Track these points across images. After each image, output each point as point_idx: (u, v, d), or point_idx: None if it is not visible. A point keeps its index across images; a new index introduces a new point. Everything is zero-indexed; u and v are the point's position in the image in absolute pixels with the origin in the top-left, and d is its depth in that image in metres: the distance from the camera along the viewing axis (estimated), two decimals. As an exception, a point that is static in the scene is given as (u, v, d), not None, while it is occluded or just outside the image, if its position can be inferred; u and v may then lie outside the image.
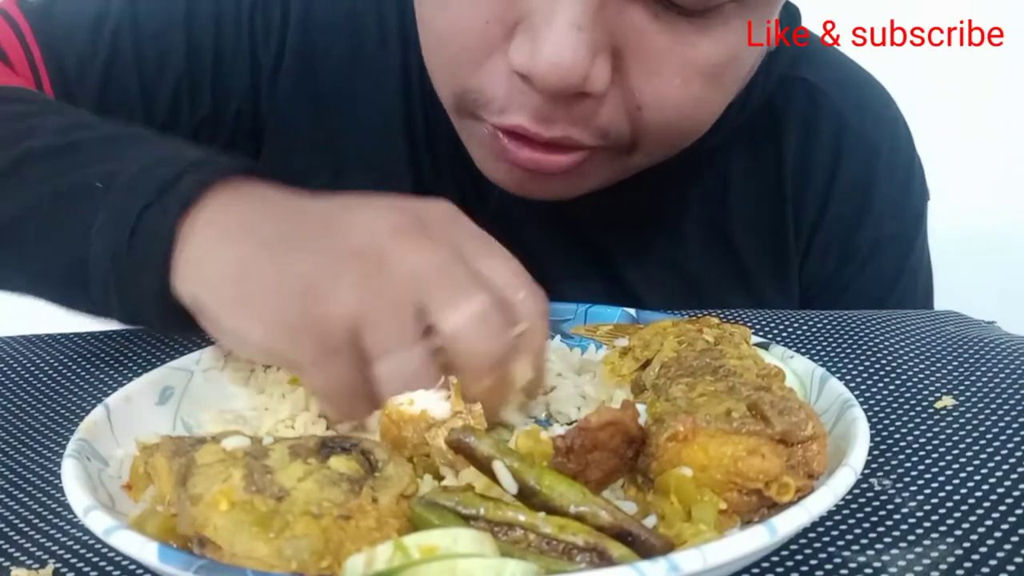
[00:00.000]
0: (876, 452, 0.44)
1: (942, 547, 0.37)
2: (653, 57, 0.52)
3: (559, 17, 0.48)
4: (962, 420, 0.47)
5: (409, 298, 0.40)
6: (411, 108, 0.71)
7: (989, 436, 0.46)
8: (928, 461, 0.43)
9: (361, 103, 0.71)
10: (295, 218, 0.45)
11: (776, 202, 0.72)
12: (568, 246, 0.72)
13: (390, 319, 0.40)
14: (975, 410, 0.48)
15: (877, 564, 0.36)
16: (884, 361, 0.55)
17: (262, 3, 0.70)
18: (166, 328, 0.55)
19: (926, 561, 0.36)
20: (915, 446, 0.45)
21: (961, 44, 1.60)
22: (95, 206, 0.48)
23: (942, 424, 0.47)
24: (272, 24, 0.70)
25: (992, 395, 0.50)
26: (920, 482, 0.42)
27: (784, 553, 0.37)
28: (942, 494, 0.41)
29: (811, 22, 0.74)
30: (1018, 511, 0.39)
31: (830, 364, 0.55)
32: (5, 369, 0.57)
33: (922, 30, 1.59)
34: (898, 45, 1.54)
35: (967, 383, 0.52)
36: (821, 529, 0.38)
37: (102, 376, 0.56)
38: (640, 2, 0.50)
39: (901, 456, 0.44)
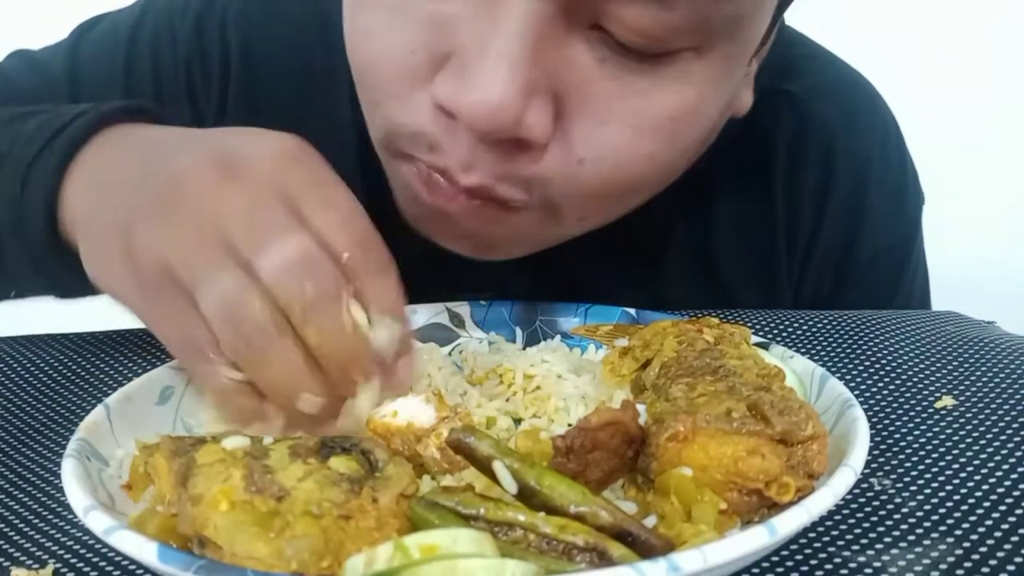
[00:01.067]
0: (876, 452, 0.44)
1: (942, 547, 0.37)
2: (599, 105, 0.47)
3: (491, 51, 0.43)
4: (962, 420, 0.47)
5: (216, 237, 0.38)
6: (366, 142, 0.63)
7: (989, 436, 0.46)
8: (928, 461, 0.43)
9: (313, 144, 0.69)
10: (147, 156, 0.45)
11: (766, 227, 0.70)
12: (547, 281, 0.67)
13: (195, 251, 0.38)
14: (975, 410, 0.48)
15: (877, 564, 0.36)
16: (884, 361, 0.55)
17: (198, 46, 0.68)
18: (75, 285, 0.52)
19: (926, 561, 0.36)
20: (915, 446, 0.45)
21: (960, 44, 1.60)
22: (1, 168, 0.51)
23: (942, 424, 0.47)
24: (211, 66, 0.68)
25: (992, 395, 0.50)
26: (920, 482, 0.42)
27: (784, 553, 0.37)
28: (942, 494, 0.41)
29: (810, 23, 0.73)
30: (1018, 511, 0.39)
31: (830, 364, 0.55)
32: (5, 369, 0.57)
33: (922, 30, 1.59)
34: (898, 45, 1.54)
35: (967, 383, 0.52)
36: (821, 529, 0.38)
37: (102, 376, 0.56)
38: (583, 43, 0.45)
39: (901, 456, 0.44)
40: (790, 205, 0.69)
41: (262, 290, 0.37)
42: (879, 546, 0.37)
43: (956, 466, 0.43)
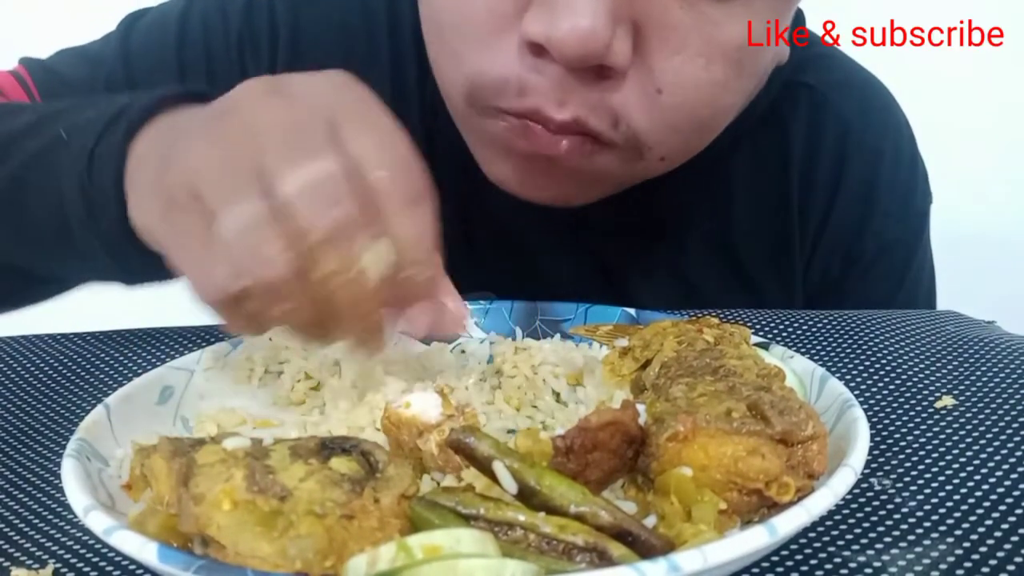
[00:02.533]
0: (876, 452, 0.44)
1: (942, 547, 0.37)
2: (676, 35, 0.50)
3: None
4: (962, 420, 0.47)
5: (249, 154, 0.37)
6: (404, 119, 0.69)
7: (989, 436, 0.46)
8: (928, 461, 0.43)
9: None
10: (206, 110, 0.44)
11: (781, 209, 0.72)
12: (570, 257, 0.71)
13: (224, 174, 0.37)
14: (975, 410, 0.48)
15: (877, 564, 0.36)
16: (884, 361, 0.55)
17: (248, 23, 0.70)
18: (146, 269, 0.50)
19: (926, 561, 0.36)
20: (915, 446, 0.45)
21: (961, 44, 1.60)
22: (63, 154, 0.50)
23: (942, 424, 0.47)
24: (260, 43, 0.70)
25: (992, 395, 0.50)
26: (920, 482, 0.42)
27: (784, 553, 0.37)
28: (942, 494, 0.41)
29: (812, 22, 0.74)
30: (1018, 511, 0.39)
31: (830, 364, 0.55)
32: (5, 369, 0.57)
33: (922, 30, 1.59)
34: (898, 45, 1.54)
35: (967, 383, 0.52)
36: (821, 529, 0.38)
37: (102, 376, 0.56)
38: None
39: (901, 456, 0.44)
40: (804, 191, 0.72)
41: (280, 220, 0.36)
42: (879, 546, 0.37)
43: (956, 466, 0.43)
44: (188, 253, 0.39)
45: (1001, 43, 1.60)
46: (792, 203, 0.72)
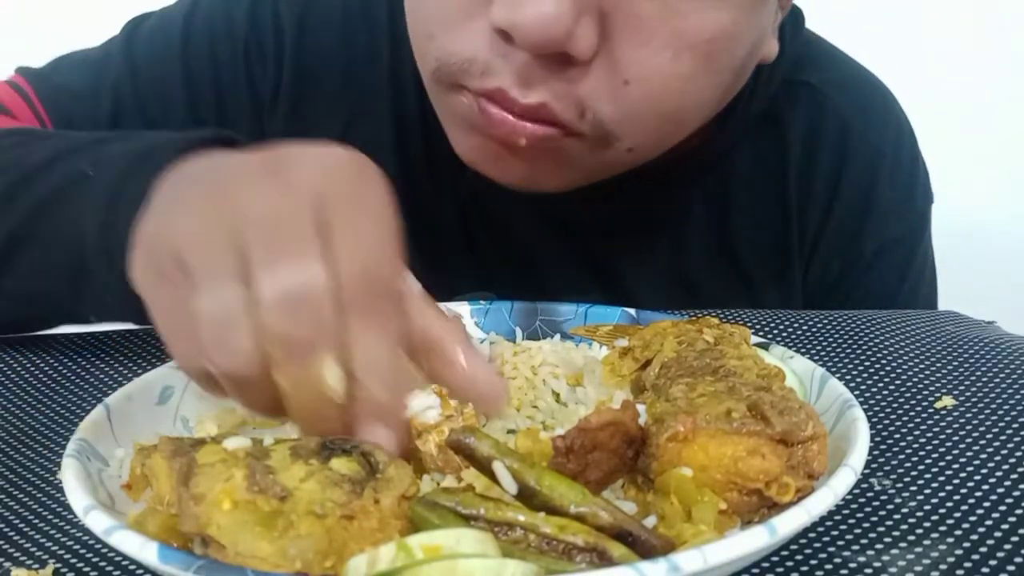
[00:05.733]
0: (876, 452, 0.44)
1: (942, 547, 0.37)
2: (643, 26, 0.50)
3: None
4: (962, 420, 0.47)
5: (236, 239, 0.36)
6: (404, 124, 0.70)
7: (989, 436, 0.46)
8: (928, 461, 0.43)
9: (351, 124, 0.71)
10: (211, 170, 0.43)
11: (780, 208, 0.72)
12: (568, 257, 0.71)
13: (209, 252, 0.36)
14: (975, 410, 0.48)
15: (877, 564, 0.36)
16: (884, 361, 0.55)
17: (255, 29, 0.70)
18: None
19: (926, 561, 0.36)
20: (915, 446, 0.45)
21: (961, 44, 1.59)
22: (86, 190, 0.50)
23: (942, 424, 0.47)
24: (266, 49, 0.70)
25: (992, 395, 0.50)
26: (920, 482, 0.42)
27: (784, 553, 0.37)
28: (942, 494, 0.41)
29: (813, 22, 0.74)
30: (1018, 511, 0.39)
31: (830, 364, 0.55)
32: (5, 369, 0.57)
33: (922, 30, 1.58)
34: (898, 45, 1.54)
35: (967, 383, 0.52)
36: (821, 529, 0.38)
37: (102, 376, 0.56)
38: None
39: (901, 456, 0.44)
40: (803, 190, 0.72)
41: (251, 316, 0.35)
42: (879, 546, 0.37)
43: (956, 466, 0.43)
44: (166, 318, 0.38)
45: (1001, 43, 1.60)
46: (791, 203, 0.72)
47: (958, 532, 0.38)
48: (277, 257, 0.35)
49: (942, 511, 0.39)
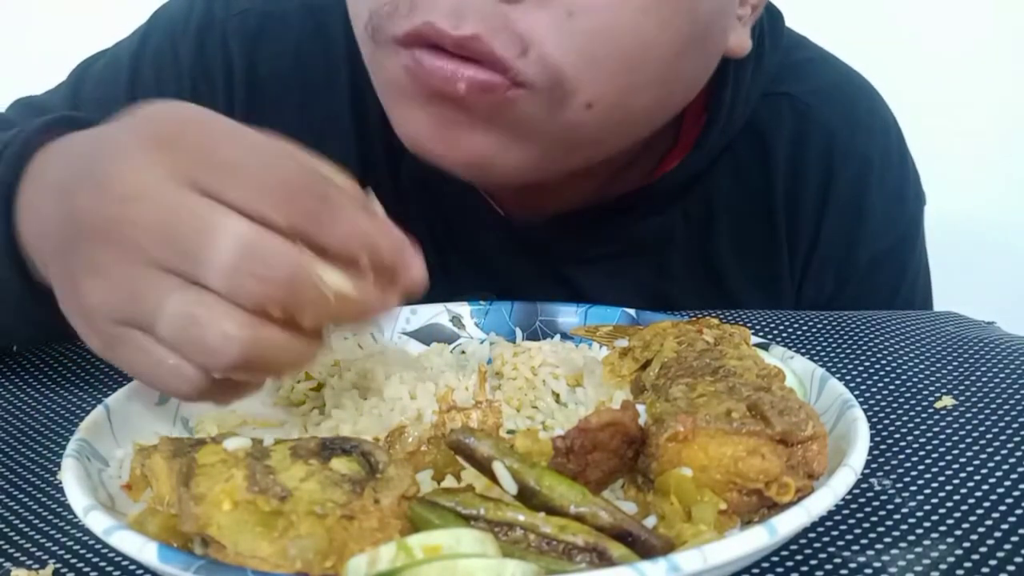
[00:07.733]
0: (876, 452, 0.44)
1: (942, 547, 0.37)
2: None
3: None
4: (962, 420, 0.47)
5: (143, 265, 0.34)
6: (367, 147, 0.67)
7: (989, 436, 0.46)
8: (928, 461, 0.43)
9: (313, 149, 0.69)
10: (61, 190, 0.40)
11: (767, 226, 0.70)
12: (545, 283, 0.69)
13: (134, 293, 0.34)
14: (975, 410, 0.48)
15: (877, 564, 0.36)
16: (884, 361, 0.55)
17: (201, 61, 0.68)
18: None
19: (926, 561, 0.36)
20: (915, 446, 0.45)
21: (961, 44, 1.60)
22: None
23: (942, 424, 0.47)
24: (215, 80, 0.68)
25: (992, 395, 0.50)
26: (920, 482, 0.42)
27: (784, 553, 0.37)
28: (942, 494, 0.41)
29: (808, 21, 0.73)
30: (1018, 511, 0.39)
31: (830, 364, 0.55)
32: (5, 370, 0.57)
33: (922, 30, 1.59)
34: (898, 45, 1.54)
35: (967, 383, 0.52)
36: (821, 529, 0.38)
37: (102, 376, 0.56)
38: None
39: (901, 456, 0.44)
40: (791, 207, 0.69)
41: (221, 303, 0.34)
42: (879, 546, 0.37)
43: (956, 466, 0.43)
44: (152, 369, 0.36)
45: (1001, 43, 1.60)
46: (778, 220, 0.69)
47: (958, 532, 0.38)
48: (194, 245, 0.33)
49: (942, 511, 0.39)
